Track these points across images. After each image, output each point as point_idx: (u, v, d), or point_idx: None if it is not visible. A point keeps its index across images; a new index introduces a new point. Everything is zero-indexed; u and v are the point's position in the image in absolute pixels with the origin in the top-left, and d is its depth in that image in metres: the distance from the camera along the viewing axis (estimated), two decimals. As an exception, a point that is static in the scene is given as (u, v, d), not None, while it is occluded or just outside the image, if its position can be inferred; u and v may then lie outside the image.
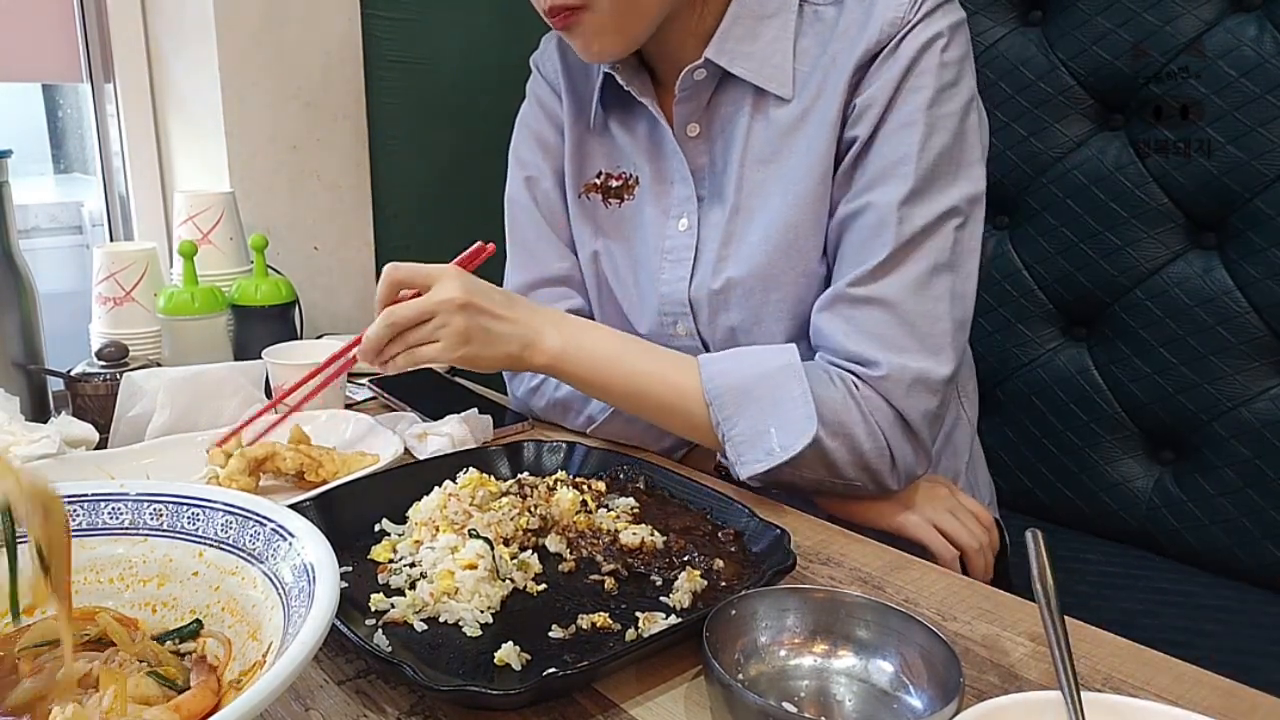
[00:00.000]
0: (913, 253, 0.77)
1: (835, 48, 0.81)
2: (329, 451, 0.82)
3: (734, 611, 0.55)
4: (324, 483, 0.79)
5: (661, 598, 0.63)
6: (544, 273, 0.99)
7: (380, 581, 0.64)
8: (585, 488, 0.77)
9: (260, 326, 1.10)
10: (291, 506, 0.54)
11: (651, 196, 0.93)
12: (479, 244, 0.87)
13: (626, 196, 0.95)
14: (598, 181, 0.97)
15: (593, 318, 1.02)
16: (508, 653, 0.55)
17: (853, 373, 0.78)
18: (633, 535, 0.68)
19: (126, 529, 0.54)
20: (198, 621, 0.51)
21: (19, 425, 0.82)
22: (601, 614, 0.60)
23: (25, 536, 0.45)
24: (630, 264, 0.95)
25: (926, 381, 0.77)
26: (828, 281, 0.84)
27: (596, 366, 0.82)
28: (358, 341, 0.79)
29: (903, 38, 0.78)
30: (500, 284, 1.02)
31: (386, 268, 0.79)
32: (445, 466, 0.78)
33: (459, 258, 0.84)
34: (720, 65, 0.84)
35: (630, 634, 0.58)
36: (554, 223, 0.99)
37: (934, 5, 0.78)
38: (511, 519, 0.69)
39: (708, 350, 0.91)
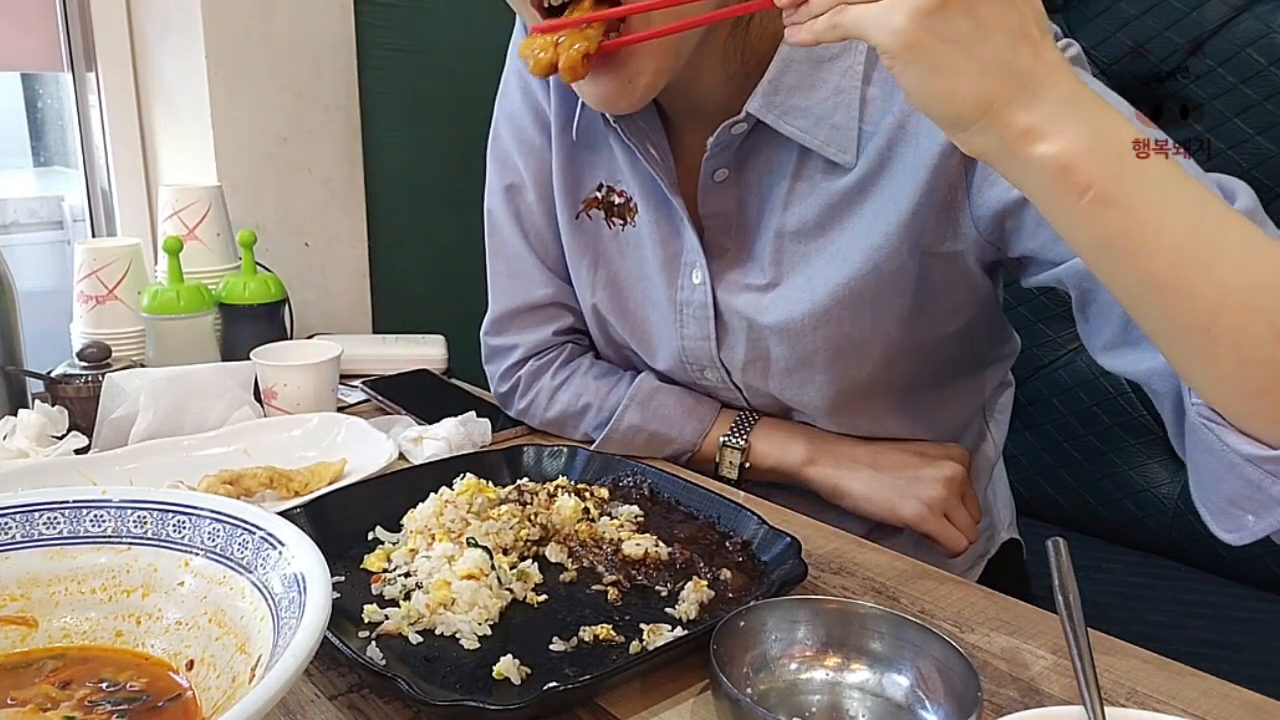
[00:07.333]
0: None
1: (903, 109, 0.67)
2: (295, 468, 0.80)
3: (742, 623, 0.54)
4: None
5: (667, 609, 0.62)
6: (526, 299, 0.90)
7: (374, 592, 0.63)
8: (587, 494, 0.75)
9: (249, 326, 1.08)
10: (282, 514, 0.54)
11: (656, 234, 0.81)
12: None
13: (629, 220, 0.82)
14: (599, 195, 0.83)
15: (590, 340, 0.94)
16: (507, 666, 0.54)
17: None
18: (636, 546, 0.67)
19: (109, 537, 0.53)
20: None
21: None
22: (604, 626, 0.59)
23: None
24: (642, 298, 0.85)
25: None
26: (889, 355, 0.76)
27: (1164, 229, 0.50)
28: None
29: None
30: (487, 302, 0.94)
31: None
32: (441, 472, 0.77)
33: None
34: (767, 122, 0.70)
35: (634, 646, 0.58)
36: (538, 240, 0.89)
37: None
38: (511, 527, 0.68)
39: (741, 392, 0.84)
